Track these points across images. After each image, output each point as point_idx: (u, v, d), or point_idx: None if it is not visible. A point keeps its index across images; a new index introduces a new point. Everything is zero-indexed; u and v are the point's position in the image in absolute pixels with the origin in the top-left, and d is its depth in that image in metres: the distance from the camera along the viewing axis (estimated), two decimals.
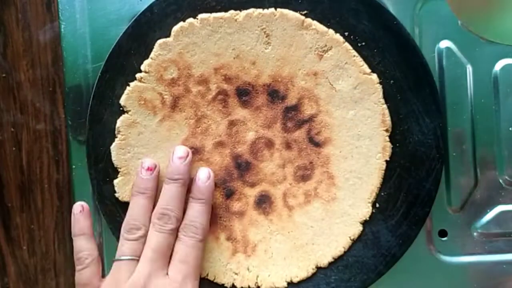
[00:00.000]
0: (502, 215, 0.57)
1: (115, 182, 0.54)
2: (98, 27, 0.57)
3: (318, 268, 0.54)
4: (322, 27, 0.53)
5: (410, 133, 0.53)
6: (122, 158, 0.54)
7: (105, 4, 0.56)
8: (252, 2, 0.53)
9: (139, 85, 0.54)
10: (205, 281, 0.54)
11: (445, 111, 0.56)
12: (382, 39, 0.53)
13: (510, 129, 0.56)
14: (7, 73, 0.61)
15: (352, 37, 0.53)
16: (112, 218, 0.54)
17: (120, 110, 0.54)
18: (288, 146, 0.54)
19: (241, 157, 0.54)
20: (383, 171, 0.53)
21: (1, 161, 0.62)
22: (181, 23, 0.53)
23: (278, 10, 0.53)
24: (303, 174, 0.54)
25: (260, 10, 0.53)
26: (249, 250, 0.54)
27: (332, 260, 0.54)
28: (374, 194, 0.54)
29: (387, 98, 0.53)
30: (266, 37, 0.53)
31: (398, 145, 0.53)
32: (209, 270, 0.54)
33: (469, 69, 0.56)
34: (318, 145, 0.54)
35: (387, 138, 0.53)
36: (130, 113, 0.54)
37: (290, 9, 0.53)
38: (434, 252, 0.57)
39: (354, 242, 0.54)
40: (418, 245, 0.56)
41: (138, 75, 0.54)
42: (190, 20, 0.53)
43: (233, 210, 0.55)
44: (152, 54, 0.53)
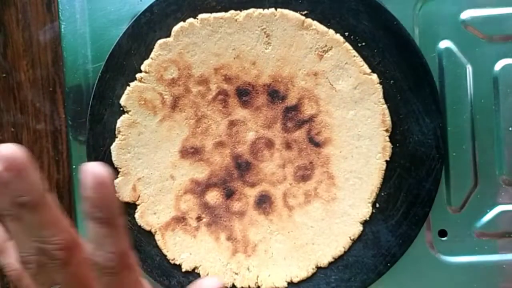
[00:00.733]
0: (502, 215, 0.57)
1: (115, 182, 0.54)
2: (98, 27, 0.57)
3: (318, 268, 0.54)
4: (322, 27, 0.53)
5: (410, 133, 0.53)
6: (123, 158, 0.54)
7: (105, 4, 0.56)
8: (252, 2, 0.53)
9: (139, 85, 0.54)
10: None
11: (445, 111, 0.56)
12: (382, 39, 0.53)
13: (510, 129, 0.56)
14: (7, 73, 0.61)
15: (352, 37, 0.53)
16: None
17: (120, 110, 0.54)
18: (288, 146, 0.54)
19: (241, 157, 0.54)
20: (383, 171, 0.53)
21: None
22: (181, 23, 0.53)
23: (279, 10, 0.53)
24: (303, 174, 0.54)
25: (260, 10, 0.53)
26: (249, 250, 0.55)
27: (332, 260, 0.54)
28: (374, 194, 0.54)
29: (387, 98, 0.53)
30: (266, 37, 0.53)
31: (398, 145, 0.53)
32: (209, 270, 0.54)
33: (469, 69, 0.56)
34: (318, 145, 0.54)
35: (387, 138, 0.53)
36: (130, 113, 0.54)
37: (290, 9, 0.53)
38: (434, 252, 0.57)
39: (354, 242, 0.54)
40: (418, 245, 0.56)
41: (138, 75, 0.54)
42: (190, 20, 0.53)
43: (233, 210, 0.55)
44: (152, 54, 0.53)
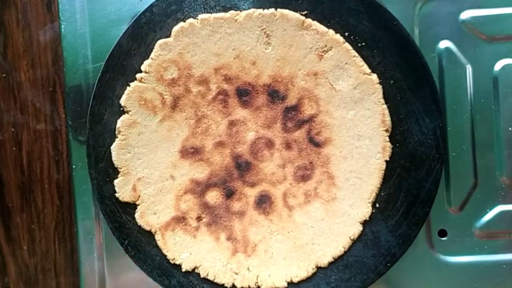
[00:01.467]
0: (501, 215, 0.57)
1: (115, 182, 0.54)
2: (98, 27, 0.57)
3: (318, 268, 0.54)
4: (322, 28, 0.53)
5: (410, 133, 0.53)
6: (123, 158, 0.54)
7: (105, 4, 0.57)
8: (252, 2, 0.53)
9: (140, 85, 0.54)
10: (205, 281, 0.54)
11: (445, 111, 0.56)
12: (382, 39, 0.53)
13: (510, 129, 0.56)
14: (8, 73, 0.61)
15: (352, 37, 0.53)
16: (112, 218, 0.54)
17: (120, 110, 0.54)
18: (288, 146, 0.54)
19: (241, 157, 0.55)
20: (383, 171, 0.53)
21: (1, 161, 0.62)
22: (181, 23, 0.53)
23: (279, 10, 0.53)
24: (303, 174, 0.54)
25: (260, 10, 0.53)
26: (249, 250, 0.55)
27: (332, 260, 0.54)
28: (374, 194, 0.54)
29: (387, 98, 0.53)
30: (267, 37, 0.53)
31: (398, 145, 0.53)
32: (209, 270, 0.54)
33: (469, 69, 0.56)
34: (318, 145, 0.54)
35: (387, 138, 0.53)
36: (130, 113, 0.54)
37: (290, 9, 0.53)
38: (434, 252, 0.57)
39: (354, 242, 0.54)
40: (418, 245, 0.56)
41: (138, 75, 0.54)
42: (191, 20, 0.53)
43: (233, 210, 0.55)
44: (152, 54, 0.53)
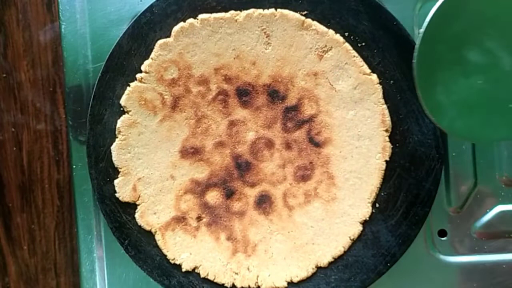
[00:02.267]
0: (501, 215, 0.57)
1: (116, 182, 0.54)
2: (98, 28, 0.57)
3: (318, 267, 0.54)
4: (322, 28, 0.53)
5: (410, 133, 0.53)
6: (123, 158, 0.54)
7: (105, 4, 0.57)
8: (252, 2, 0.53)
9: (140, 85, 0.54)
10: (205, 281, 0.54)
11: None
12: (382, 40, 0.53)
13: None
14: (8, 73, 0.61)
15: (352, 37, 0.53)
16: (112, 218, 0.55)
17: (120, 110, 0.54)
18: (288, 146, 0.54)
19: (241, 157, 0.55)
20: (383, 171, 0.53)
21: (1, 161, 0.62)
22: (181, 24, 0.53)
23: (278, 10, 0.53)
24: (303, 174, 0.54)
25: (260, 11, 0.53)
26: (249, 250, 0.55)
27: (332, 259, 0.54)
28: (374, 194, 0.54)
29: (387, 98, 0.53)
30: (266, 37, 0.53)
31: (398, 145, 0.53)
32: (209, 270, 0.54)
33: None
34: (318, 145, 0.54)
35: (387, 138, 0.53)
36: (130, 113, 0.54)
37: (290, 9, 0.53)
38: (434, 252, 0.57)
39: (354, 242, 0.54)
40: (418, 245, 0.56)
41: (138, 76, 0.54)
42: (191, 20, 0.53)
43: (233, 210, 0.55)
44: (152, 55, 0.53)
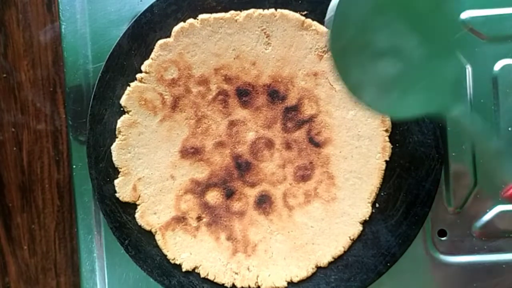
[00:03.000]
0: (501, 215, 0.57)
1: (116, 182, 0.54)
2: (98, 28, 0.57)
3: (318, 267, 0.54)
4: (322, 28, 0.53)
5: (410, 133, 0.53)
6: (123, 158, 0.54)
7: (105, 4, 0.57)
8: (252, 2, 0.53)
9: (140, 85, 0.54)
10: (205, 280, 0.54)
11: None
12: None
13: (510, 129, 0.56)
14: (8, 73, 0.61)
15: None
16: (112, 218, 0.55)
17: (120, 111, 0.54)
18: (288, 146, 0.54)
19: (241, 157, 0.55)
20: (383, 171, 0.54)
21: (2, 161, 0.62)
22: (181, 24, 0.53)
23: (279, 10, 0.53)
24: (303, 174, 0.54)
25: (260, 11, 0.53)
26: (249, 250, 0.55)
27: (332, 259, 0.54)
28: (374, 194, 0.54)
29: None
30: (266, 37, 0.53)
31: (397, 145, 0.54)
32: (209, 270, 0.54)
33: (468, 69, 0.56)
34: (318, 145, 0.54)
35: (387, 138, 0.53)
36: (130, 113, 0.54)
37: (290, 9, 0.53)
38: (434, 252, 0.57)
39: (354, 242, 0.54)
40: (418, 245, 0.56)
41: (138, 76, 0.54)
42: (191, 20, 0.53)
43: (233, 210, 0.55)
44: (152, 55, 0.53)
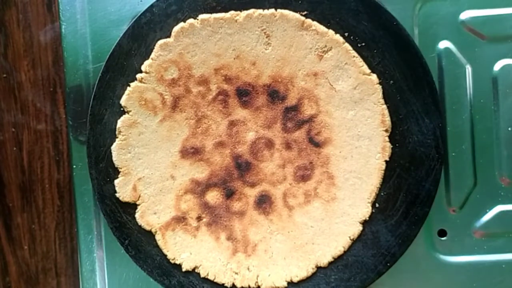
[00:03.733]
0: (501, 215, 0.57)
1: (116, 182, 0.54)
2: (98, 28, 0.57)
3: (318, 267, 0.54)
4: (322, 28, 0.53)
5: (410, 133, 0.53)
6: (123, 158, 0.54)
7: (105, 4, 0.57)
8: (252, 2, 0.53)
9: (140, 85, 0.54)
10: (205, 280, 0.55)
11: (444, 111, 0.56)
12: (381, 40, 0.53)
13: (509, 129, 0.56)
14: (8, 73, 0.61)
15: (352, 37, 0.53)
16: (112, 218, 0.55)
17: (120, 111, 0.54)
18: (288, 146, 0.54)
19: (241, 157, 0.55)
20: (383, 171, 0.54)
21: (2, 161, 0.62)
22: (181, 24, 0.53)
23: (278, 11, 0.53)
24: (303, 174, 0.54)
25: (260, 11, 0.53)
26: (249, 250, 0.55)
27: (332, 259, 0.54)
28: (374, 194, 0.54)
29: (387, 98, 0.53)
30: (266, 37, 0.53)
31: (397, 145, 0.54)
32: (209, 269, 0.54)
33: (468, 69, 0.56)
34: (318, 145, 0.54)
35: (387, 138, 0.53)
36: (130, 113, 0.54)
37: (290, 9, 0.53)
38: (434, 251, 0.57)
39: (354, 242, 0.54)
40: (418, 244, 0.56)
41: (138, 76, 0.54)
42: (191, 20, 0.53)
43: (233, 210, 0.55)
44: (152, 55, 0.54)
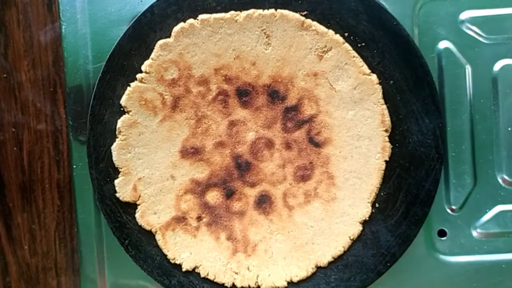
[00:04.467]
0: (501, 215, 0.57)
1: (116, 182, 0.54)
2: (99, 28, 0.57)
3: (318, 267, 0.54)
4: (322, 28, 0.53)
5: (410, 133, 0.53)
6: (123, 158, 0.54)
7: (106, 5, 0.57)
8: (252, 2, 0.53)
9: (140, 85, 0.54)
10: (205, 280, 0.55)
11: (444, 112, 0.56)
12: (381, 40, 0.53)
13: (509, 129, 0.56)
14: (8, 73, 0.61)
15: (352, 37, 0.53)
16: (112, 218, 0.55)
17: (120, 111, 0.54)
18: (288, 146, 0.54)
19: (241, 157, 0.55)
20: (383, 171, 0.54)
21: (2, 161, 0.62)
22: (181, 24, 0.53)
23: (278, 11, 0.53)
24: (303, 174, 0.54)
25: (260, 11, 0.53)
26: (249, 250, 0.55)
27: (332, 259, 0.54)
28: (374, 194, 0.54)
29: (387, 98, 0.53)
30: (266, 37, 0.53)
31: (397, 145, 0.54)
32: (209, 269, 0.55)
33: (468, 69, 0.56)
34: (318, 145, 0.54)
35: (387, 138, 0.53)
36: (130, 113, 0.54)
37: (290, 10, 0.53)
38: (433, 251, 0.57)
39: (354, 241, 0.54)
40: (418, 244, 0.56)
41: (138, 76, 0.54)
42: (191, 20, 0.53)
43: (233, 210, 0.55)
44: (152, 55, 0.54)
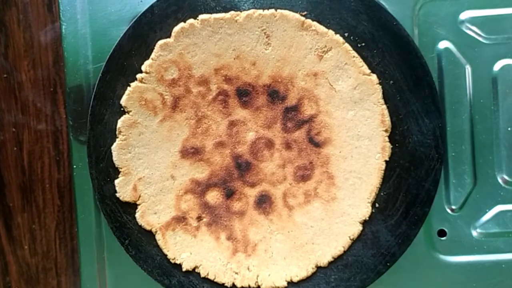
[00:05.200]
0: (501, 215, 0.57)
1: (116, 182, 0.54)
2: (99, 28, 0.57)
3: (318, 267, 0.54)
4: (322, 28, 0.53)
5: (410, 133, 0.53)
6: (123, 158, 0.54)
7: (106, 5, 0.57)
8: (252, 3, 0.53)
9: (140, 85, 0.54)
10: (205, 280, 0.55)
11: (444, 112, 0.56)
12: (381, 40, 0.53)
13: (509, 129, 0.56)
14: (8, 73, 0.61)
15: (351, 37, 0.53)
16: (112, 218, 0.55)
17: (121, 111, 0.54)
18: (288, 146, 0.54)
19: (241, 157, 0.55)
20: (383, 171, 0.54)
21: (2, 161, 0.62)
22: (181, 24, 0.53)
23: (278, 11, 0.53)
24: (303, 174, 0.54)
25: (260, 11, 0.53)
26: (249, 250, 0.55)
27: (332, 259, 0.54)
28: (374, 194, 0.54)
29: (387, 98, 0.53)
30: (266, 38, 0.53)
31: (397, 145, 0.54)
32: (209, 269, 0.55)
33: (468, 69, 0.56)
34: (318, 145, 0.54)
35: (387, 138, 0.53)
36: (131, 113, 0.54)
37: (290, 10, 0.53)
38: (433, 251, 0.57)
39: (354, 241, 0.54)
40: (417, 244, 0.56)
41: (138, 76, 0.54)
42: (191, 21, 0.53)
43: (233, 210, 0.55)
44: (152, 55, 0.54)
